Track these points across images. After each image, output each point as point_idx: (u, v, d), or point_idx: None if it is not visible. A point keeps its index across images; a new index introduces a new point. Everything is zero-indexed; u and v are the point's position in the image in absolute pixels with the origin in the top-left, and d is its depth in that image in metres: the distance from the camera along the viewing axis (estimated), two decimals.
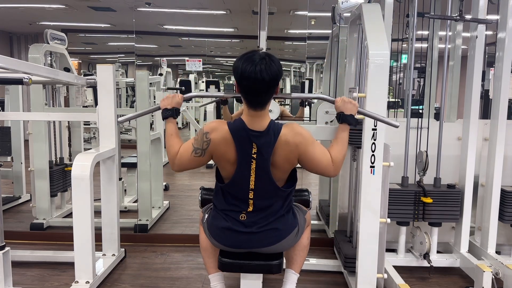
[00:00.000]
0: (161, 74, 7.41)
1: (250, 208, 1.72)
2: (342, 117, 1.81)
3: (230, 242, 1.75)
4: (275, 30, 7.09)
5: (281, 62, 1.65)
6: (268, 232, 1.72)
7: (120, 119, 2.06)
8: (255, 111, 1.66)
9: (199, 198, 2.06)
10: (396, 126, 1.87)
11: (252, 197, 1.71)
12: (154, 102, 5.80)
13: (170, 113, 1.85)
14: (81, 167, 2.24)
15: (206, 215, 1.87)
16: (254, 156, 1.65)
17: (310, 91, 6.61)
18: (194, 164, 1.74)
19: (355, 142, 2.40)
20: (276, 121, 1.74)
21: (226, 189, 1.74)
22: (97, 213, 2.48)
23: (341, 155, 1.75)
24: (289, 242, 1.79)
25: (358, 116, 1.88)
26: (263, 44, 2.58)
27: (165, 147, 5.76)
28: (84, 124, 5.41)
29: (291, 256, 1.92)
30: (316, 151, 1.70)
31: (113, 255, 2.71)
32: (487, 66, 4.45)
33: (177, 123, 1.89)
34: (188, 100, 2.06)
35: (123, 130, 6.68)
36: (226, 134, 1.66)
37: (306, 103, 3.57)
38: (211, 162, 1.77)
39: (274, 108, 2.40)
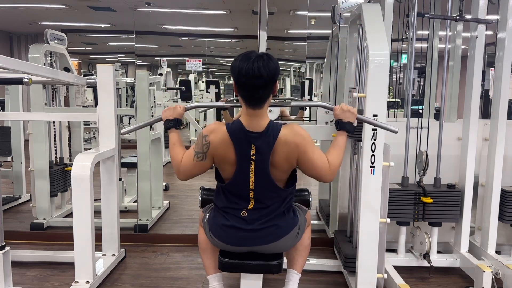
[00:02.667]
0: (161, 74, 7.41)
1: (251, 206, 1.73)
2: (340, 125, 1.84)
3: (232, 240, 1.74)
4: (275, 30, 7.09)
5: (281, 63, 1.67)
6: (269, 229, 1.72)
7: (123, 130, 2.10)
8: (254, 109, 1.65)
9: (199, 198, 2.05)
10: (395, 132, 1.89)
11: (252, 196, 1.72)
12: (154, 102, 5.80)
13: (172, 124, 1.89)
14: (81, 167, 2.24)
15: (207, 215, 1.87)
16: (253, 157, 1.66)
17: (310, 91, 6.61)
18: (197, 169, 1.75)
19: (355, 135, 2.38)
20: (276, 121, 1.74)
21: (227, 188, 1.75)
22: (97, 213, 2.48)
23: (338, 161, 1.77)
24: (290, 241, 1.79)
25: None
26: (263, 44, 2.58)
27: (165, 147, 5.79)
28: (84, 124, 5.41)
29: (293, 256, 1.92)
30: (315, 153, 1.71)
31: (113, 255, 2.71)
32: (487, 66, 4.45)
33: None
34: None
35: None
36: (225, 136, 1.66)
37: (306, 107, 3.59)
38: None
39: (273, 109, 2.41)
